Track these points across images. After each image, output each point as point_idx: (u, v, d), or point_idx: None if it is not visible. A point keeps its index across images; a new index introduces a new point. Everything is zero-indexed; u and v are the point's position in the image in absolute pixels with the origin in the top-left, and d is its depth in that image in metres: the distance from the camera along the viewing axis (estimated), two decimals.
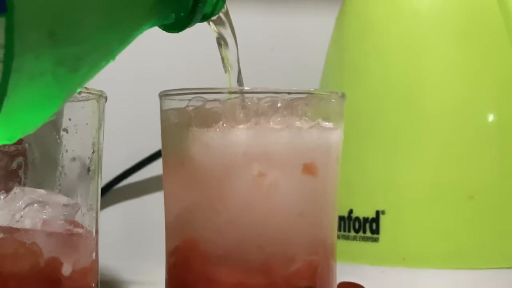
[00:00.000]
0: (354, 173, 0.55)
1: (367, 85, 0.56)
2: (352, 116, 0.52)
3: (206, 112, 0.34)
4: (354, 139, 0.55)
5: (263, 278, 0.35)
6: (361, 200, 0.55)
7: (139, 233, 0.80)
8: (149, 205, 0.79)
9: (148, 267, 0.77)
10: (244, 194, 0.35)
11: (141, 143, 0.77)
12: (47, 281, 0.36)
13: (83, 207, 0.39)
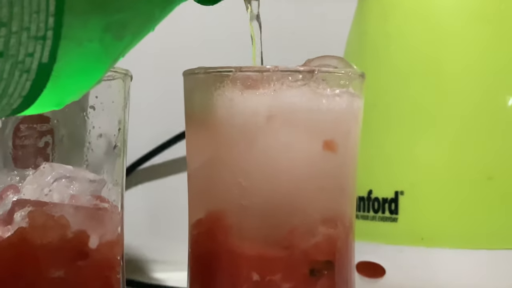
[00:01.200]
0: (373, 154, 0.56)
1: (388, 67, 0.56)
2: (372, 97, 0.53)
3: (231, 78, 0.35)
4: (374, 121, 0.55)
5: (283, 252, 0.36)
6: (381, 181, 0.56)
7: (162, 213, 0.81)
8: (172, 186, 0.80)
9: (171, 246, 0.79)
10: (265, 167, 0.36)
11: (165, 125, 0.78)
12: (75, 253, 0.38)
13: (109, 182, 0.40)
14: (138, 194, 0.79)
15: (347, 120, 0.38)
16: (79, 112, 0.41)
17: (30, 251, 0.37)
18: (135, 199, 0.77)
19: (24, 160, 0.42)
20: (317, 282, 0.37)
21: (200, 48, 0.73)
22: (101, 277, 0.39)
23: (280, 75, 0.35)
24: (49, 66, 0.24)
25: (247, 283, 0.36)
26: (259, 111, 0.35)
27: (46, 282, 0.37)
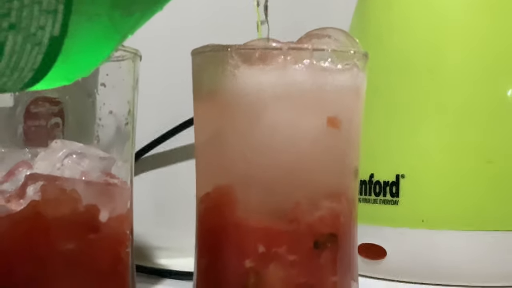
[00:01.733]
0: (375, 139, 0.57)
1: (390, 52, 0.57)
2: (374, 82, 0.54)
3: (237, 56, 0.37)
4: (376, 106, 0.57)
5: (288, 225, 0.37)
6: (382, 165, 0.57)
7: (168, 201, 0.82)
8: (177, 174, 0.81)
9: (176, 234, 0.80)
10: (270, 142, 0.37)
11: (170, 113, 0.79)
12: (86, 226, 0.39)
13: (118, 160, 0.41)
14: (144, 182, 0.80)
15: (350, 97, 0.39)
16: (88, 95, 0.42)
17: (43, 224, 0.38)
18: (140, 187, 0.78)
19: (35, 140, 0.43)
20: (321, 255, 0.38)
21: (208, 29, 0.73)
22: (111, 250, 0.40)
23: (285, 53, 0.36)
24: (60, 40, 0.25)
25: (253, 255, 0.37)
26: (264, 87, 0.36)
27: (58, 254, 0.38)
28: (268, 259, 0.37)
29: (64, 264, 0.38)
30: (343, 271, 0.39)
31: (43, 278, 0.38)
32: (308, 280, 0.38)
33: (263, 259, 0.37)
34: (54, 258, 0.38)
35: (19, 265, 0.38)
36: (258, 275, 0.37)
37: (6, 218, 0.38)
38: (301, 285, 0.38)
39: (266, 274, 0.37)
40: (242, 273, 0.38)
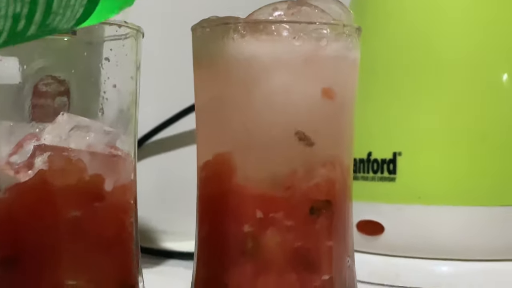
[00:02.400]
0: (372, 118, 0.58)
1: (388, 32, 0.59)
2: (371, 62, 0.56)
3: (236, 27, 0.38)
4: (373, 85, 0.58)
5: (285, 191, 0.39)
6: (379, 143, 0.58)
7: (171, 186, 0.84)
8: (179, 159, 0.83)
9: (178, 217, 0.82)
10: (266, 111, 0.38)
11: (172, 100, 0.81)
12: (92, 195, 0.40)
13: (122, 134, 0.43)
14: (147, 167, 0.82)
15: (344, 70, 0.41)
16: (92, 74, 0.44)
17: (50, 192, 0.39)
18: (144, 173, 0.80)
19: (42, 119, 0.44)
20: (317, 220, 0.40)
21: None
22: (116, 218, 0.41)
23: (283, 26, 0.38)
24: None
25: (251, 220, 0.39)
26: (260, 57, 0.38)
27: (64, 222, 0.39)
28: (266, 225, 0.39)
29: (70, 231, 0.39)
30: (338, 237, 0.41)
31: (50, 244, 0.39)
32: (304, 244, 0.39)
33: (261, 224, 0.39)
34: (61, 225, 0.39)
35: (27, 233, 0.39)
36: (256, 239, 0.39)
37: (15, 188, 0.40)
38: (298, 249, 0.39)
39: (264, 238, 0.39)
40: (241, 238, 0.39)
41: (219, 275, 0.40)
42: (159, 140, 0.83)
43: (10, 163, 0.42)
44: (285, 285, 0.39)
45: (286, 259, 0.39)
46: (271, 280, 0.39)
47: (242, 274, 0.39)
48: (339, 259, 0.41)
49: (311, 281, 0.39)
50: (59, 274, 0.39)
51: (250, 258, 0.39)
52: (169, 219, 0.83)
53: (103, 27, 0.42)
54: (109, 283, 0.41)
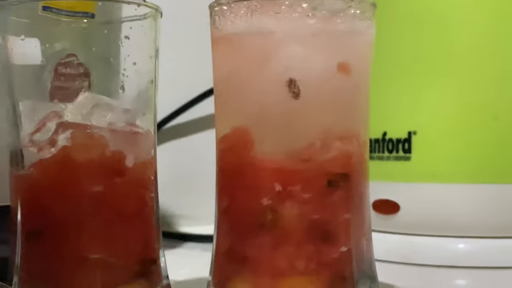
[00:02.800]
0: (387, 98, 0.59)
1: (401, 10, 0.59)
2: (385, 41, 0.56)
3: (252, 5, 0.39)
4: (387, 66, 0.59)
5: (303, 164, 0.40)
6: (394, 123, 0.59)
7: (187, 171, 0.85)
8: (197, 144, 0.84)
9: (195, 202, 0.82)
10: (282, 83, 0.39)
11: (188, 85, 0.82)
12: (113, 170, 0.41)
13: (142, 111, 0.44)
14: (164, 152, 0.83)
15: (360, 45, 0.41)
16: (110, 56, 0.44)
17: (73, 167, 0.40)
18: (161, 158, 0.81)
19: (63, 98, 0.45)
20: (334, 193, 0.40)
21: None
22: (137, 194, 0.42)
23: (298, 1, 0.39)
24: None
25: (270, 193, 0.40)
26: (277, 32, 0.39)
27: (87, 196, 0.40)
28: (284, 197, 0.40)
29: (92, 206, 0.41)
30: (356, 209, 0.41)
31: (73, 219, 0.40)
32: (322, 217, 0.40)
33: (279, 197, 0.40)
34: (83, 199, 0.40)
35: (51, 207, 0.40)
36: (275, 212, 0.40)
37: (39, 164, 0.41)
38: (316, 221, 0.40)
39: (283, 211, 0.40)
40: (260, 211, 0.40)
41: (238, 247, 0.41)
42: (176, 125, 0.84)
43: (33, 141, 0.43)
44: (304, 257, 0.40)
45: (304, 231, 0.40)
46: (289, 252, 0.40)
47: (261, 246, 0.40)
48: (357, 232, 0.41)
49: (329, 253, 0.40)
50: (82, 248, 0.40)
51: (268, 230, 0.40)
52: (186, 204, 0.84)
53: (122, 6, 0.43)
54: (130, 257, 0.42)
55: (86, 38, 0.46)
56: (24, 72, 0.44)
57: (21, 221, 0.41)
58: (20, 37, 0.42)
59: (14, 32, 0.43)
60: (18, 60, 0.42)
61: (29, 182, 0.41)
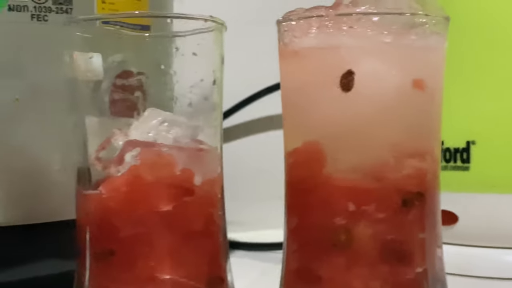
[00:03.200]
0: (444, 107, 0.58)
1: (460, 17, 0.58)
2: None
3: (322, 22, 0.38)
4: (446, 74, 0.57)
5: (377, 183, 0.39)
6: (452, 132, 0.58)
7: (235, 175, 0.84)
8: (243, 148, 0.83)
9: (238, 208, 0.82)
10: (356, 99, 0.38)
11: (231, 93, 0.81)
12: (182, 189, 0.41)
13: (207, 127, 0.43)
14: None
15: (434, 60, 0.40)
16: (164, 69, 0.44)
17: (143, 187, 0.40)
18: None
19: (120, 112, 0.45)
20: (409, 212, 0.39)
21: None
22: (205, 213, 0.42)
23: (371, 17, 0.38)
24: None
25: (343, 213, 0.39)
26: (350, 46, 0.38)
27: (157, 216, 0.40)
28: (358, 217, 0.39)
29: (161, 225, 0.40)
30: (430, 228, 0.40)
31: (144, 238, 0.40)
32: (397, 237, 0.39)
33: (353, 217, 0.39)
34: (153, 219, 0.40)
35: (121, 227, 0.40)
36: (348, 232, 0.39)
37: (107, 183, 0.40)
38: (390, 241, 0.39)
39: (356, 231, 0.39)
40: (333, 230, 0.39)
41: (311, 267, 0.40)
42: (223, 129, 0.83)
43: (99, 159, 0.42)
44: (379, 278, 0.39)
45: (379, 252, 0.39)
46: (364, 273, 0.39)
47: (335, 266, 0.39)
48: (431, 251, 0.40)
49: (404, 273, 0.39)
50: (153, 268, 0.40)
51: (342, 250, 0.39)
52: (233, 209, 0.83)
53: (188, 21, 0.42)
54: (200, 277, 0.41)
55: (145, 50, 0.45)
56: (88, 88, 0.43)
57: (89, 241, 0.41)
58: (87, 53, 0.41)
59: (80, 48, 0.42)
60: (85, 76, 0.42)
61: (97, 201, 0.40)
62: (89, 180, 0.41)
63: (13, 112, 0.48)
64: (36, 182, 0.49)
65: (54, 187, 0.49)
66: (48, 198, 0.49)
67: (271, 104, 0.80)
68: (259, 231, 0.78)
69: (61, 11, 0.50)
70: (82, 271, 0.42)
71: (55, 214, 0.49)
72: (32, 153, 0.49)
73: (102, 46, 0.43)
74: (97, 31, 0.44)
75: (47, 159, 0.49)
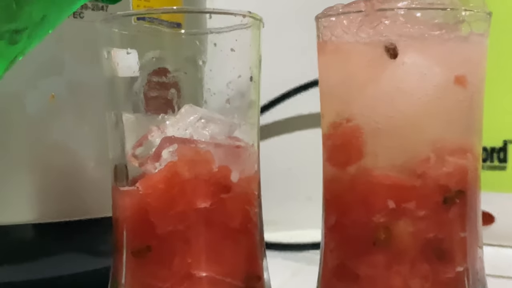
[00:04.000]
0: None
1: (500, 14, 0.57)
2: None
3: (363, 16, 0.38)
4: None
5: (417, 180, 0.38)
6: (489, 132, 0.57)
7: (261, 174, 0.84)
8: (270, 148, 0.83)
9: (270, 207, 0.82)
10: (397, 96, 0.38)
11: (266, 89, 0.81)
12: (219, 186, 0.40)
13: (243, 124, 0.43)
14: None
15: (477, 57, 0.40)
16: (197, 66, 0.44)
17: (180, 184, 0.40)
18: None
19: (155, 109, 0.45)
20: (450, 210, 0.39)
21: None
22: (242, 210, 0.41)
23: (414, 12, 0.37)
24: None
25: (383, 210, 0.38)
26: (390, 43, 0.38)
27: (194, 213, 0.39)
28: (398, 215, 0.38)
29: (200, 222, 0.40)
30: (471, 227, 0.40)
31: (181, 235, 0.39)
32: (437, 235, 0.38)
33: (393, 214, 0.38)
34: (191, 216, 0.40)
35: (159, 224, 0.40)
36: (388, 230, 0.38)
37: (145, 180, 0.40)
38: (431, 239, 0.38)
39: (397, 229, 0.38)
40: (372, 228, 0.39)
41: (349, 265, 0.40)
42: None
43: (135, 155, 0.42)
44: (419, 276, 0.38)
45: (419, 250, 0.38)
46: (404, 271, 0.38)
47: (374, 265, 0.39)
48: (472, 250, 0.40)
49: (444, 272, 0.39)
50: (190, 265, 0.40)
51: (382, 248, 0.39)
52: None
53: (227, 16, 0.42)
54: (237, 275, 0.41)
55: (182, 47, 0.45)
56: (125, 85, 0.43)
57: (126, 237, 0.41)
58: (124, 50, 0.41)
59: (117, 45, 0.42)
60: (123, 73, 0.42)
61: (135, 198, 0.40)
62: (126, 177, 0.41)
63: (49, 109, 0.48)
64: (72, 179, 0.49)
65: (89, 185, 0.49)
66: (83, 195, 0.49)
67: (303, 103, 0.79)
68: (287, 232, 0.77)
69: (97, 8, 0.50)
70: (118, 268, 0.42)
71: (90, 211, 0.49)
72: (68, 150, 0.49)
73: (138, 43, 0.43)
74: (133, 28, 0.44)
75: (83, 156, 0.49)
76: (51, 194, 0.48)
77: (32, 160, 0.48)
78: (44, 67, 0.48)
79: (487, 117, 0.57)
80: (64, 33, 0.49)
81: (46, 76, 0.48)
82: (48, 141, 0.48)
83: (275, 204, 0.81)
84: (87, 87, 0.49)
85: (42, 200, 0.48)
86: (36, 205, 0.48)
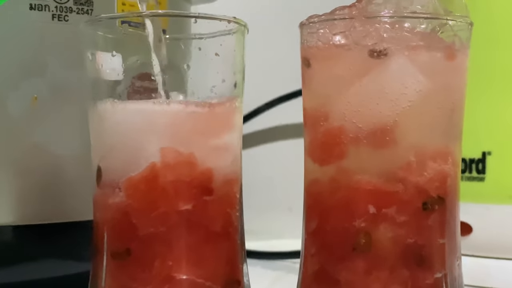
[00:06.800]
0: None
1: (477, 26, 0.58)
2: None
3: (347, 24, 0.38)
4: None
5: (398, 186, 0.39)
6: (467, 143, 0.57)
7: (246, 183, 0.84)
8: (252, 158, 0.83)
9: (254, 216, 0.82)
10: (378, 101, 0.38)
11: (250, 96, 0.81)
12: (202, 188, 0.40)
13: (228, 128, 0.43)
14: None
15: (459, 65, 0.40)
16: (180, 71, 0.44)
17: (162, 185, 0.39)
18: None
19: None
20: (429, 216, 0.39)
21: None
22: (223, 212, 0.42)
23: (399, 20, 0.38)
24: None
25: (364, 215, 0.39)
26: (376, 47, 0.38)
27: (176, 214, 0.40)
28: (378, 220, 0.39)
29: (181, 225, 0.40)
30: (450, 233, 0.40)
31: (162, 238, 0.39)
32: (417, 241, 0.39)
33: (374, 219, 0.39)
34: (172, 218, 0.40)
35: (139, 226, 0.39)
36: (368, 235, 0.39)
37: (126, 181, 0.40)
38: (410, 245, 0.39)
39: (377, 234, 0.39)
40: (353, 233, 0.39)
41: (329, 270, 0.40)
42: None
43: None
44: (398, 282, 0.39)
45: (399, 256, 0.39)
46: (383, 277, 0.39)
47: (354, 270, 0.39)
48: (451, 257, 0.40)
49: (424, 278, 0.39)
50: (170, 268, 0.39)
51: (362, 254, 0.39)
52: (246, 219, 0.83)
53: (212, 22, 0.42)
54: (217, 278, 0.41)
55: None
56: (109, 87, 0.43)
57: (107, 239, 0.41)
58: (109, 53, 0.41)
59: (101, 47, 0.42)
60: (107, 76, 0.42)
61: (116, 198, 0.40)
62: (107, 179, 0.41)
63: (32, 111, 0.48)
64: (53, 182, 0.49)
65: (71, 187, 0.49)
66: (64, 197, 0.49)
67: (285, 113, 0.80)
68: (267, 241, 0.77)
69: (81, 11, 0.50)
70: (98, 271, 0.41)
71: (71, 215, 0.49)
72: (49, 152, 0.49)
73: (123, 46, 0.43)
74: (118, 31, 0.44)
75: (64, 158, 0.49)
76: (32, 196, 0.48)
77: (13, 162, 0.48)
78: (27, 69, 0.48)
79: (466, 128, 0.57)
80: (48, 35, 0.49)
81: (29, 78, 0.48)
82: (30, 143, 0.48)
83: (255, 213, 0.81)
84: (70, 90, 0.49)
85: (22, 202, 0.48)
86: (16, 207, 0.48)
